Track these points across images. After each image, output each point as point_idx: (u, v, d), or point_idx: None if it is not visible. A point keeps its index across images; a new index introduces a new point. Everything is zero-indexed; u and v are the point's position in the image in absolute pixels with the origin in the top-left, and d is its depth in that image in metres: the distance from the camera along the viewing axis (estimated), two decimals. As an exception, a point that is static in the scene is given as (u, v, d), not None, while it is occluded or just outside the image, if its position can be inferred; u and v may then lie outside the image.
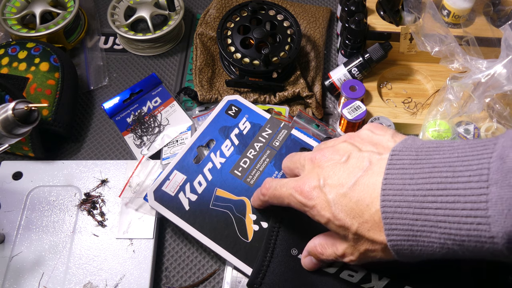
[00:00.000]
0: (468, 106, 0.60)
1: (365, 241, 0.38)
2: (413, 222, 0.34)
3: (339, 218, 0.38)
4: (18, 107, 0.43)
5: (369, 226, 0.36)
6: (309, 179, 0.41)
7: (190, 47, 0.77)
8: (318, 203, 0.39)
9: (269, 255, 0.48)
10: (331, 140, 0.45)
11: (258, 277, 0.48)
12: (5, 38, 0.76)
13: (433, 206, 0.33)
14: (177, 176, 0.56)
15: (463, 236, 0.32)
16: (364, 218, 0.37)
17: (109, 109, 0.68)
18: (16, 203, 0.59)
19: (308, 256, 0.46)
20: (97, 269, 0.55)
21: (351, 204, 0.37)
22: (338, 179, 0.39)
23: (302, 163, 0.44)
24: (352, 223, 0.37)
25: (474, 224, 0.31)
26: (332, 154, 0.41)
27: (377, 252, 0.38)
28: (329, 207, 0.38)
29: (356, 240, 0.38)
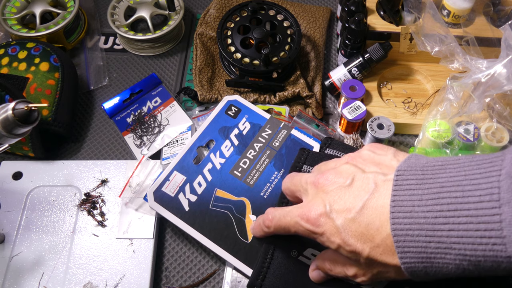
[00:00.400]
0: (468, 106, 0.60)
1: (378, 264, 0.37)
2: (426, 244, 0.33)
3: (349, 244, 0.37)
4: (18, 107, 0.43)
5: (381, 250, 0.36)
6: (314, 205, 0.40)
7: (190, 47, 0.77)
8: (326, 230, 0.38)
9: (269, 256, 0.48)
10: (332, 161, 0.44)
11: (258, 279, 0.48)
12: (5, 38, 0.76)
13: (445, 228, 0.32)
14: (177, 176, 0.56)
15: (479, 257, 0.31)
16: (375, 243, 0.36)
17: (109, 109, 0.68)
18: (16, 203, 0.59)
19: (316, 270, 0.45)
20: (97, 269, 0.55)
21: (361, 229, 0.37)
22: (344, 204, 0.38)
23: (305, 186, 0.43)
24: (363, 248, 0.37)
25: (490, 245, 0.31)
26: (335, 177, 0.40)
27: (390, 273, 0.37)
28: (339, 233, 0.38)
29: (368, 264, 0.38)
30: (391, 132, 0.61)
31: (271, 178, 0.56)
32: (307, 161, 0.52)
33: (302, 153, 0.54)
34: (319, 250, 0.48)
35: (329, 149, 0.56)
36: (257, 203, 0.55)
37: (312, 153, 0.54)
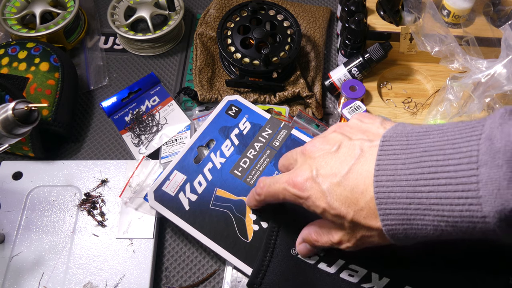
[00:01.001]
0: (468, 106, 0.60)
1: (362, 228, 0.38)
2: (406, 206, 0.34)
3: (334, 207, 0.38)
4: (18, 107, 0.43)
5: (365, 213, 0.37)
6: (302, 171, 0.41)
7: (190, 47, 0.77)
8: (312, 194, 0.39)
9: (269, 255, 0.48)
10: (321, 133, 0.45)
11: (258, 277, 0.48)
12: (5, 38, 0.76)
13: (425, 189, 0.33)
14: (177, 176, 0.56)
15: (456, 217, 0.32)
16: (359, 206, 0.37)
17: (108, 107, 0.68)
18: (16, 203, 0.59)
19: (303, 243, 0.46)
20: (97, 269, 0.55)
21: (345, 193, 0.37)
22: (330, 169, 0.39)
23: (295, 157, 0.44)
24: (347, 212, 0.38)
25: (466, 205, 0.31)
26: (322, 144, 0.41)
27: (374, 238, 0.38)
28: (324, 197, 0.39)
29: (352, 227, 0.39)
30: (391, 132, 0.61)
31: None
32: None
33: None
34: (319, 249, 0.48)
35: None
36: (257, 203, 0.55)
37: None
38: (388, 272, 0.47)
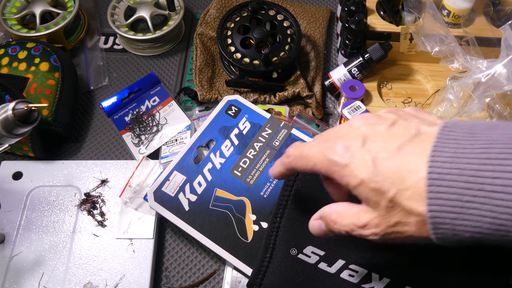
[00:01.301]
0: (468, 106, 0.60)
1: (400, 211, 0.33)
2: (463, 191, 0.30)
3: (376, 180, 0.33)
4: (18, 107, 0.43)
5: (409, 193, 0.32)
6: (346, 138, 0.36)
7: (190, 47, 0.77)
8: (352, 162, 0.34)
9: (269, 255, 0.48)
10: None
11: (258, 278, 0.48)
12: (5, 38, 0.76)
13: (490, 175, 0.29)
14: (177, 176, 0.56)
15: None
16: (405, 185, 0.32)
17: (108, 107, 0.68)
18: (16, 203, 0.59)
19: (318, 220, 0.40)
20: (97, 269, 0.55)
21: (392, 168, 0.33)
22: (379, 142, 0.34)
23: (338, 129, 0.38)
24: (389, 188, 0.32)
25: None
26: (373, 119, 0.36)
27: (409, 227, 0.33)
28: (366, 167, 0.34)
29: (389, 209, 0.33)
30: (391, 132, 0.61)
31: (271, 178, 0.56)
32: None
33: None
34: (320, 247, 0.48)
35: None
36: (257, 202, 0.55)
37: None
38: (388, 272, 0.47)
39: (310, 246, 0.48)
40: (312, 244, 0.48)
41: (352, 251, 0.48)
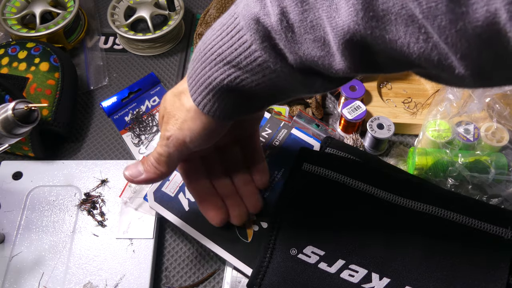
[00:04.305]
0: (468, 106, 0.60)
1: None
2: (201, 73, 0.38)
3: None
4: (18, 107, 0.43)
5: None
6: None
7: (190, 47, 0.77)
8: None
9: (268, 255, 0.48)
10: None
11: (258, 278, 0.48)
12: (5, 38, 0.76)
13: (209, 53, 0.37)
14: (177, 176, 0.56)
15: (233, 55, 0.35)
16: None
17: (108, 107, 0.68)
18: (16, 203, 0.59)
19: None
20: (97, 269, 0.55)
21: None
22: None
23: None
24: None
25: (235, 38, 0.34)
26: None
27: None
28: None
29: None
30: (391, 132, 0.61)
31: (271, 178, 0.56)
32: (307, 159, 0.53)
33: (302, 152, 0.54)
34: (320, 247, 0.48)
35: (329, 148, 0.56)
36: (257, 203, 0.55)
37: (312, 151, 0.54)
38: (388, 272, 0.47)
39: (310, 246, 0.48)
40: (312, 244, 0.48)
41: (352, 251, 0.48)
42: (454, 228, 0.48)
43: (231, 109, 0.39)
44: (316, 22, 0.31)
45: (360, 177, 0.52)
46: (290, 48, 0.33)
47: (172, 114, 0.41)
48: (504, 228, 0.47)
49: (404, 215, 0.50)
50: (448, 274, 0.46)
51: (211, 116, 0.39)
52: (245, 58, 0.34)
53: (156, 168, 0.43)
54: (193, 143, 0.41)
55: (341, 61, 0.31)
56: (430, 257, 0.47)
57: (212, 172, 0.50)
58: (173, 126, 0.41)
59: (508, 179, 0.57)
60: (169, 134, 0.41)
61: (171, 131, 0.41)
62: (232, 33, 0.35)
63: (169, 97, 0.42)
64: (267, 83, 0.36)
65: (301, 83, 0.36)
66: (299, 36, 0.32)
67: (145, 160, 0.44)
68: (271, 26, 0.32)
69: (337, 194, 0.51)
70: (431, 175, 0.58)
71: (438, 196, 0.51)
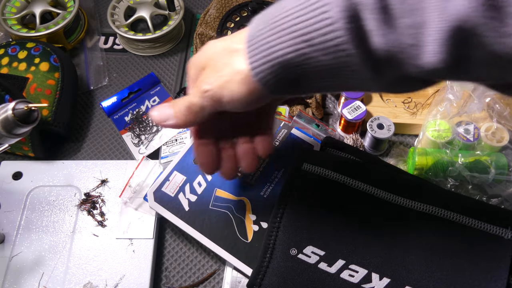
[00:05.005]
0: (468, 106, 0.60)
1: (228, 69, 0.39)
2: (268, 31, 0.35)
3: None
4: (18, 107, 0.43)
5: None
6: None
7: (190, 47, 0.77)
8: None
9: (268, 255, 0.48)
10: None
11: (258, 278, 0.48)
12: (5, 38, 0.76)
13: (283, 21, 0.34)
14: (177, 176, 0.56)
15: (311, 31, 0.32)
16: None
17: (108, 107, 0.68)
18: (16, 203, 0.59)
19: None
20: (97, 269, 0.55)
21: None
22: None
23: None
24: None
25: (318, 16, 0.31)
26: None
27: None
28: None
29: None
30: (391, 132, 0.61)
31: (271, 178, 0.56)
32: (307, 159, 0.53)
33: (302, 152, 0.54)
34: (320, 247, 0.48)
35: (329, 148, 0.56)
36: (257, 202, 0.55)
37: (312, 151, 0.54)
38: (388, 272, 0.47)
39: (310, 246, 0.48)
40: (312, 244, 0.48)
41: (352, 251, 0.48)
42: (454, 228, 0.48)
43: (282, 85, 0.36)
44: (418, 5, 0.28)
45: (360, 177, 0.52)
46: (379, 32, 0.30)
47: (217, 68, 0.38)
48: (504, 228, 0.47)
49: (404, 215, 0.50)
50: (448, 274, 0.46)
51: (261, 86, 0.36)
52: (321, 35, 0.32)
53: (185, 116, 0.41)
54: (229, 104, 0.39)
55: (437, 53, 0.29)
56: (430, 257, 0.47)
57: (220, 128, 0.47)
58: (215, 81, 0.38)
59: (508, 179, 0.57)
60: (208, 88, 0.38)
61: (211, 85, 0.38)
62: (315, 6, 0.32)
63: (218, 49, 0.39)
64: (331, 67, 0.33)
65: (370, 73, 0.33)
66: (394, 20, 0.29)
67: (174, 105, 0.41)
68: (365, 5, 0.30)
69: (337, 194, 0.51)
70: (431, 175, 0.58)
71: (438, 196, 0.51)
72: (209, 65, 0.39)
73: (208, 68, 0.39)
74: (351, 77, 0.34)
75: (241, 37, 0.37)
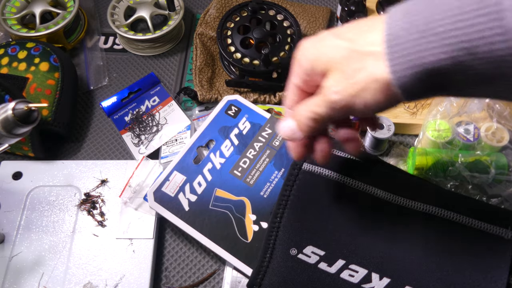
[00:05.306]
0: (468, 106, 0.60)
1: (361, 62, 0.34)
2: (417, 34, 0.31)
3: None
4: (18, 107, 0.43)
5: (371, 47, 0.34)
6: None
7: (190, 47, 0.77)
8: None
9: (269, 255, 0.48)
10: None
11: (258, 278, 0.48)
12: (5, 38, 0.76)
13: (440, 24, 0.30)
14: (177, 176, 0.56)
15: (473, 38, 0.28)
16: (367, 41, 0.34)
17: (107, 107, 0.68)
18: (16, 203, 0.59)
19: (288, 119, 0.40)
20: (97, 269, 0.55)
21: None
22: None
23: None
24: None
25: (485, 22, 0.28)
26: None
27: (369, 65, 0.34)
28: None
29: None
30: (391, 132, 0.61)
31: (271, 178, 0.56)
32: (307, 159, 0.53)
33: (302, 153, 0.54)
34: (320, 247, 0.48)
35: (329, 149, 0.55)
36: (257, 202, 0.55)
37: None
38: (388, 272, 0.47)
39: (310, 246, 0.48)
40: (312, 244, 0.48)
41: (352, 251, 0.48)
42: (454, 228, 0.48)
43: (424, 91, 0.32)
44: None
45: (360, 177, 0.52)
46: None
47: (346, 75, 0.34)
48: (504, 228, 0.47)
49: (404, 215, 0.50)
50: (448, 274, 0.46)
51: (400, 92, 0.32)
52: (488, 45, 0.28)
53: (310, 128, 0.38)
54: (360, 112, 0.35)
55: None
56: (430, 257, 0.47)
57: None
58: (345, 90, 0.34)
59: (508, 179, 0.57)
60: (338, 98, 0.34)
61: (341, 95, 0.34)
62: (485, 11, 0.28)
63: (342, 51, 0.34)
64: (488, 76, 0.30)
65: None
66: None
67: (296, 115, 0.38)
68: None
69: (337, 194, 0.51)
70: (431, 175, 0.58)
71: (438, 196, 0.51)
72: (334, 69, 0.34)
73: (334, 73, 0.34)
74: (507, 86, 0.31)
75: (375, 37, 0.33)
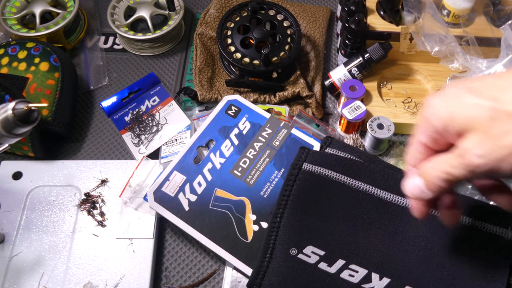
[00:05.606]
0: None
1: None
2: None
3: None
4: (18, 107, 0.43)
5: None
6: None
7: (190, 47, 0.77)
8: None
9: (269, 255, 0.48)
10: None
11: (258, 278, 0.48)
12: (5, 38, 0.76)
13: None
14: (177, 176, 0.56)
15: None
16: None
17: (108, 107, 0.68)
18: (16, 203, 0.59)
19: (415, 177, 0.36)
20: (97, 269, 0.55)
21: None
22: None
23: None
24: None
25: None
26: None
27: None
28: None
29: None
30: (391, 132, 0.61)
31: (271, 178, 0.56)
32: (307, 159, 0.53)
33: (302, 151, 0.54)
34: (320, 247, 0.48)
35: (329, 148, 0.56)
36: (257, 202, 0.55)
37: (312, 151, 0.54)
38: (388, 272, 0.47)
39: (310, 246, 0.48)
40: (312, 244, 0.48)
41: (352, 251, 0.48)
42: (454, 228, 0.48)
43: None
44: None
45: (360, 177, 0.52)
46: None
47: (490, 136, 0.30)
48: (504, 228, 0.47)
49: (404, 215, 0.50)
50: (448, 274, 0.46)
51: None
52: None
53: (440, 188, 0.35)
54: (503, 175, 0.31)
55: None
56: (430, 257, 0.47)
57: None
58: (490, 154, 0.30)
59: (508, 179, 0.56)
60: (482, 162, 0.31)
61: (485, 159, 0.31)
62: None
63: (484, 111, 0.31)
64: None
65: None
66: None
67: (426, 174, 0.35)
68: None
69: (337, 194, 0.51)
70: (431, 175, 0.58)
71: None
72: (474, 129, 0.31)
73: (475, 134, 0.31)
74: None
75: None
